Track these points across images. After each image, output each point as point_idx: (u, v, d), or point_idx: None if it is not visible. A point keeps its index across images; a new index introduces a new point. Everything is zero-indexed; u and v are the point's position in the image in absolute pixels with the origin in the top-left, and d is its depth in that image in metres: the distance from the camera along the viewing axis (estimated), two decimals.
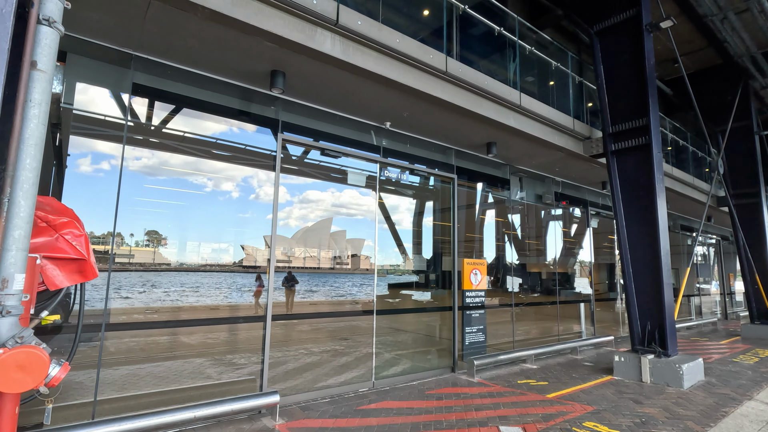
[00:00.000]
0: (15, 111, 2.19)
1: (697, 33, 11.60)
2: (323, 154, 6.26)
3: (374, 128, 6.84)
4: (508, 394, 6.07)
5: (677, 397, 6.05)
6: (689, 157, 13.57)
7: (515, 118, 6.92)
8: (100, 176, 4.68)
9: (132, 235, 5.73)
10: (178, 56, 4.83)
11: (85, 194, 4.63)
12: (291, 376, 6.83)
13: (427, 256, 11.57)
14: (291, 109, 5.93)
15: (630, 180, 7.69)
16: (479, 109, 6.29)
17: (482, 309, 8.10)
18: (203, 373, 6.83)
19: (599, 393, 6.19)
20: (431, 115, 6.41)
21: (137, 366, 7.00)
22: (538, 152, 8.31)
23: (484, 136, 7.42)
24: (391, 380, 6.63)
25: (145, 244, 6.07)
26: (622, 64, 7.89)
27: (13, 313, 2.15)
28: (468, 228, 10.35)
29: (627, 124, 7.72)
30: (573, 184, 11.00)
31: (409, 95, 5.74)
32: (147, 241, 6.05)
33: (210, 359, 7.79)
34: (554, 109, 7.60)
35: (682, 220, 16.47)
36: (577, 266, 12.36)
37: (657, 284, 7.12)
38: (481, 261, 8.32)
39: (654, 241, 7.21)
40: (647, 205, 7.37)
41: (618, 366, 7.23)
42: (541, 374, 7.39)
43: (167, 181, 5.60)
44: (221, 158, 6.40)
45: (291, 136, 5.85)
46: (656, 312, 7.14)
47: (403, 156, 7.20)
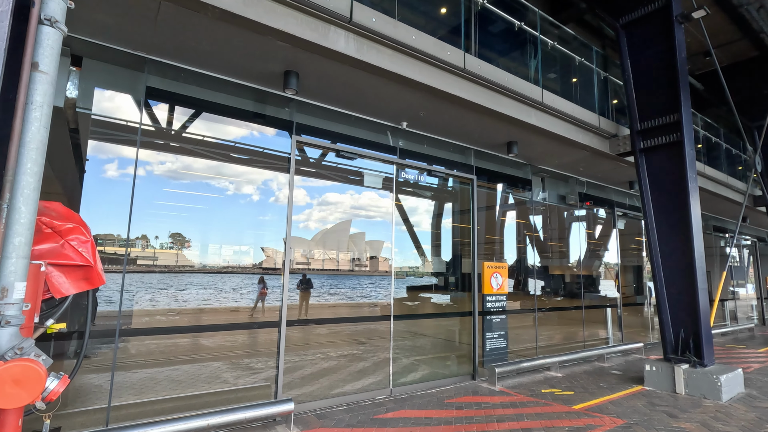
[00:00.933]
0: (15, 114, 2.12)
1: (730, 23, 11.02)
2: (339, 156, 6.14)
3: (390, 129, 6.68)
4: (532, 404, 5.80)
5: (715, 410, 5.66)
6: (722, 155, 12.91)
7: (537, 116, 6.65)
8: (127, 181, 4.72)
9: (157, 238, 5.78)
10: (191, 58, 4.78)
11: (114, 198, 4.71)
12: (307, 381, 6.72)
13: (446, 258, 11.36)
14: (305, 111, 5.83)
15: (660, 179, 7.30)
16: (499, 107, 6.06)
17: (503, 314, 7.83)
18: (220, 378, 6.79)
19: (630, 405, 5.85)
20: (449, 114, 6.21)
21: (156, 369, 7.01)
22: (562, 151, 7.99)
23: (504, 135, 7.16)
24: (409, 387, 6.44)
25: (169, 247, 6.11)
26: (650, 58, 7.51)
27: (13, 324, 2.07)
28: (488, 230, 10.08)
29: (657, 120, 7.33)
30: (598, 184, 10.58)
31: (426, 94, 5.56)
32: (171, 243, 6.08)
33: (227, 363, 7.76)
34: (578, 106, 7.28)
35: (714, 221, 15.71)
36: (602, 269, 11.90)
37: (691, 289, 6.72)
38: (502, 264, 8.05)
39: (687, 243, 6.81)
40: (679, 206, 6.97)
41: (649, 376, 6.85)
42: (567, 383, 7.07)
43: (190, 185, 5.71)
44: (240, 162, 6.40)
45: (305, 138, 5.75)
46: (690, 319, 6.73)
47: (421, 157, 7.02)
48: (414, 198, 12.04)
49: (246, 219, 6.57)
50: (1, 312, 2.03)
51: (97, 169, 4.68)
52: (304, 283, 9.93)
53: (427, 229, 11.33)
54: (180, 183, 5.45)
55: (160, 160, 5.12)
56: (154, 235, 5.67)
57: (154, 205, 5.13)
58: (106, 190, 4.77)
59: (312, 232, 9.93)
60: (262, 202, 6.43)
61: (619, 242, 11.51)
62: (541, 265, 10.28)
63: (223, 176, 5.96)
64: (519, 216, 10.80)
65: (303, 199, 6.90)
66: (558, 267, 11.40)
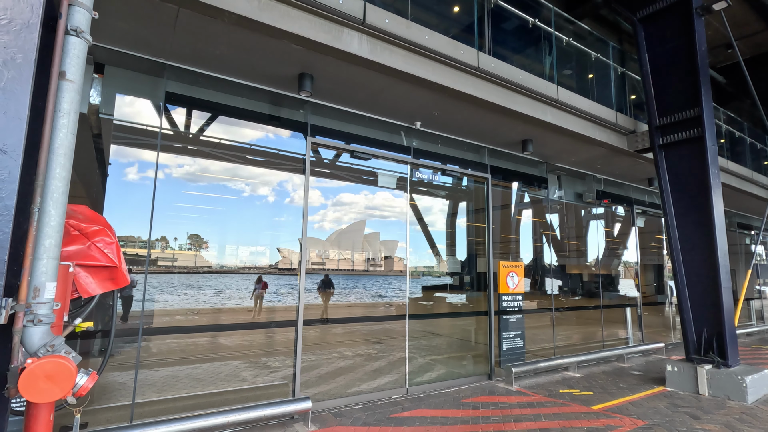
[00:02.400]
0: (44, 121, 2.21)
1: (752, 14, 10.72)
2: (353, 157, 6.19)
3: (404, 129, 6.69)
4: (550, 404, 5.75)
5: (740, 412, 5.52)
6: (746, 150, 12.54)
7: (552, 114, 6.58)
8: (147, 184, 4.87)
9: (176, 239, 5.91)
10: (208, 63, 4.89)
11: (135, 201, 4.86)
12: (324, 380, 6.78)
13: (461, 257, 11.30)
14: (320, 113, 5.89)
15: (681, 176, 7.14)
16: (514, 105, 6.02)
17: (520, 313, 7.76)
18: (239, 376, 6.91)
19: (650, 405, 5.75)
20: (463, 113, 6.20)
21: (177, 368, 7.17)
22: (578, 148, 7.88)
23: (519, 133, 7.11)
24: (425, 387, 6.44)
25: (187, 248, 6.24)
26: (669, 52, 7.35)
27: (45, 322, 2.16)
28: (503, 229, 10.00)
29: (677, 115, 7.18)
30: (616, 181, 10.40)
31: (440, 93, 5.56)
32: (189, 244, 6.22)
33: (246, 362, 7.89)
34: (595, 103, 7.18)
35: (738, 218, 15.26)
36: (621, 267, 11.68)
37: (714, 288, 6.56)
38: (518, 263, 7.98)
39: (710, 241, 6.64)
40: (701, 203, 6.81)
41: (671, 376, 6.71)
42: (585, 383, 6.97)
43: (208, 187, 5.85)
44: (256, 164, 6.51)
45: (320, 140, 5.81)
46: (714, 318, 6.57)
47: (435, 156, 7.01)
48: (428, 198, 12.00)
49: (262, 220, 6.67)
50: (33, 311, 2.13)
51: (119, 172, 4.83)
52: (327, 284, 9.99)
53: (441, 228, 11.29)
54: (198, 185, 5.60)
55: (178, 163, 5.25)
56: (173, 237, 5.81)
57: (172, 207, 5.26)
58: (128, 192, 4.93)
59: (327, 233, 10.05)
60: (277, 203, 6.55)
61: (639, 240, 11.29)
62: (558, 264, 10.16)
63: (239, 178, 6.09)
64: (535, 215, 10.69)
65: (317, 199, 7.01)
66: (576, 266, 11.24)
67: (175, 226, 5.57)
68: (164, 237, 5.73)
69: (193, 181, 5.48)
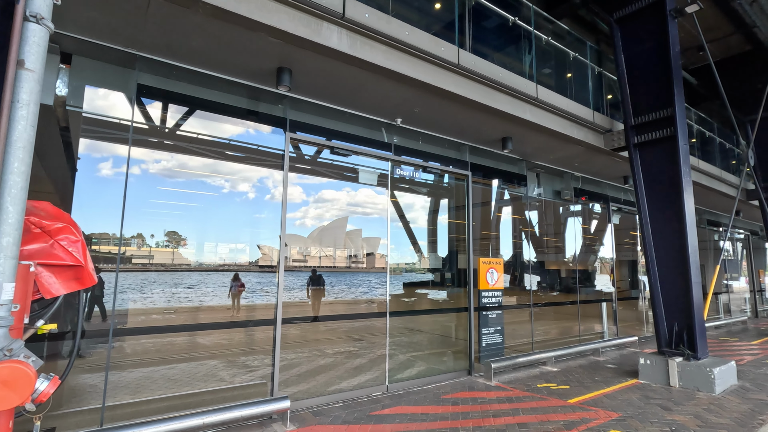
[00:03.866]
0: (1, 112, 2.08)
1: (723, 18, 11.05)
2: (333, 153, 6.12)
3: (385, 125, 6.66)
4: (528, 399, 5.83)
5: (709, 403, 5.72)
6: (716, 149, 12.98)
7: (532, 112, 6.65)
8: (122, 180, 4.75)
9: (153, 236, 5.79)
10: (182, 55, 4.74)
11: (110, 197, 4.74)
12: (304, 379, 6.72)
13: (443, 254, 11.35)
14: (299, 108, 5.80)
15: (654, 174, 7.33)
16: (494, 103, 6.05)
17: (499, 309, 7.85)
18: (216, 376, 6.78)
19: (624, 398, 5.90)
20: (444, 110, 6.20)
21: (152, 368, 6.99)
22: (557, 146, 8.00)
23: (499, 131, 7.16)
24: (406, 384, 6.45)
25: (165, 245, 6.14)
26: (644, 53, 7.52)
27: (2, 325, 2.05)
28: (484, 225, 10.09)
29: (651, 115, 7.35)
30: (593, 179, 10.62)
31: (420, 90, 5.54)
32: (167, 242, 6.12)
33: (224, 361, 7.75)
34: (573, 102, 7.29)
35: (708, 215, 15.82)
36: (597, 263, 11.96)
37: (685, 283, 6.77)
38: (498, 260, 8.06)
39: (681, 237, 6.85)
40: (673, 200, 7.01)
41: (643, 369, 6.90)
42: (562, 377, 7.11)
43: (186, 183, 5.74)
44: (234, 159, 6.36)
45: (300, 135, 5.72)
46: (684, 312, 6.78)
47: (416, 153, 7.00)
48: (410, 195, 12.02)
49: (242, 217, 6.60)
50: None
51: (93, 168, 4.69)
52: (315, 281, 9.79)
53: (423, 225, 11.32)
54: (176, 181, 5.51)
55: (155, 159, 5.14)
56: (150, 234, 5.73)
57: (149, 204, 5.17)
58: (102, 189, 4.78)
59: (309, 230, 10.05)
60: (258, 199, 6.50)
61: (614, 237, 11.57)
62: (537, 260, 10.32)
63: (218, 174, 6.00)
64: (514, 212, 10.82)
65: (299, 196, 6.99)
66: (554, 262, 11.44)
67: (152, 223, 5.49)
68: (140, 234, 5.62)
69: (171, 177, 5.39)
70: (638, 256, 12.91)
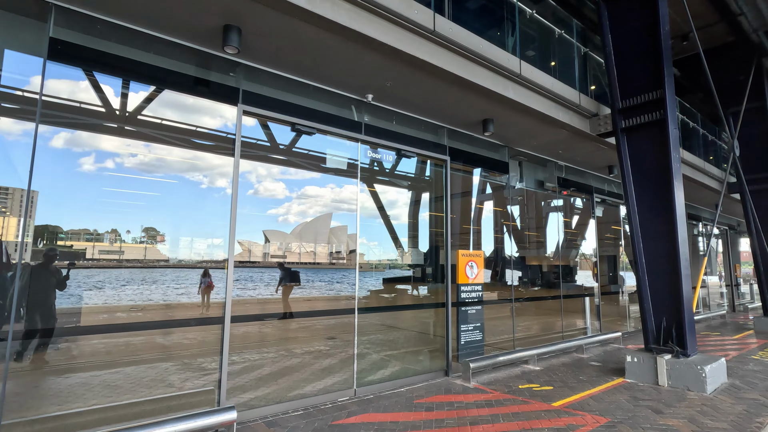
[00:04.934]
0: None
1: (708, 5, 10.77)
2: (294, 131, 5.45)
3: (355, 102, 6.02)
4: (509, 402, 5.31)
5: (701, 404, 5.30)
6: (699, 141, 12.78)
7: (515, 90, 6.11)
8: (104, 175, 4.83)
9: (129, 232, 5.74)
10: (108, 7, 3.99)
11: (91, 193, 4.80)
12: (265, 382, 6.07)
13: (424, 249, 10.87)
14: (255, 79, 5.10)
15: (642, 160, 6.90)
16: (474, 77, 5.48)
17: (479, 305, 7.34)
18: (165, 381, 6.06)
19: (612, 400, 5.44)
20: (419, 85, 5.60)
21: (92, 373, 6.22)
22: (541, 131, 7.50)
23: (479, 112, 6.61)
24: (376, 387, 5.86)
25: (140, 241, 6.09)
26: (632, 32, 7.07)
27: None
28: (464, 218, 9.58)
29: (639, 98, 6.91)
30: (577, 169, 10.20)
31: (392, 58, 4.92)
32: (144, 237, 6.08)
33: (178, 363, 7.02)
34: (558, 81, 6.78)
35: (689, 209, 15.72)
36: (579, 258, 11.61)
37: (674, 276, 6.35)
38: (477, 253, 7.54)
39: (671, 229, 6.43)
40: (662, 189, 6.59)
41: (630, 367, 6.48)
42: (545, 377, 6.64)
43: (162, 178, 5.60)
44: (183, 144, 5.71)
45: (255, 109, 5.03)
46: (673, 307, 6.38)
47: (390, 135, 6.37)
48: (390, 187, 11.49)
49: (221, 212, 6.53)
50: None
51: (72, 162, 4.61)
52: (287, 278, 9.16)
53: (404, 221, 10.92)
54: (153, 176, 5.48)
55: (131, 153, 5.09)
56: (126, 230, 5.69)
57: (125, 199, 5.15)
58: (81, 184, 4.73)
59: (291, 226, 9.94)
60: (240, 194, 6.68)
61: (597, 230, 11.22)
62: (519, 254, 9.87)
63: (197, 170, 5.73)
64: (496, 204, 10.35)
65: (282, 192, 6.91)
66: (536, 257, 11.04)
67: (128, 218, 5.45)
68: (115, 230, 5.55)
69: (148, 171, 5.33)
70: (619, 250, 12.63)
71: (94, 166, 4.78)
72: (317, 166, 8.53)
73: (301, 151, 8.01)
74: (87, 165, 4.77)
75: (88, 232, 5.15)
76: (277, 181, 6.61)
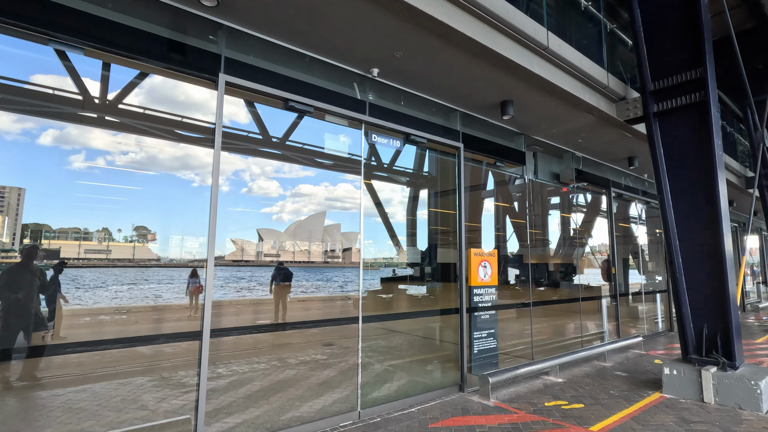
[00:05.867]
0: None
1: None
2: (288, 108, 4.63)
3: (358, 79, 5.22)
4: (538, 425, 4.55)
5: (762, 428, 4.56)
6: None
7: (540, 65, 5.34)
8: (95, 173, 4.66)
9: (120, 231, 5.87)
10: None
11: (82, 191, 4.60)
12: (253, 401, 5.27)
13: (422, 247, 10.24)
14: (241, 47, 4.28)
15: (679, 148, 6.16)
16: (496, 46, 4.69)
17: (493, 309, 6.58)
18: (137, 401, 5.23)
19: (657, 422, 4.69)
20: (432, 56, 4.81)
21: (54, 392, 5.39)
22: (563, 116, 6.74)
23: (498, 92, 5.83)
24: (383, 408, 5.06)
25: (131, 240, 6.21)
26: (666, 5, 6.33)
27: None
28: (473, 214, 8.83)
29: (674, 78, 6.17)
30: (594, 160, 9.46)
31: (404, 20, 4.12)
32: (135, 236, 6.21)
33: (155, 378, 6.19)
34: (586, 58, 6.02)
35: None
36: (595, 256, 10.90)
37: (718, 277, 5.63)
38: (491, 251, 6.78)
39: (713, 224, 5.70)
40: (703, 180, 5.85)
41: (669, 381, 5.74)
42: (571, 391, 5.88)
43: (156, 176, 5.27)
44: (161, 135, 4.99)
45: (240, 81, 4.21)
46: (717, 312, 5.65)
47: (397, 117, 5.57)
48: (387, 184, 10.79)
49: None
50: None
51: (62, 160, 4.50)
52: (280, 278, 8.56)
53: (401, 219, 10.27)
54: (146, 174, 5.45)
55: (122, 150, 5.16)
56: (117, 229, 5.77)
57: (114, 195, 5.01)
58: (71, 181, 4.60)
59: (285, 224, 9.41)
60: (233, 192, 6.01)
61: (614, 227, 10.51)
62: (528, 254, 9.13)
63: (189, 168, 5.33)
64: (507, 196, 9.62)
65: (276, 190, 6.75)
66: (543, 256, 10.35)
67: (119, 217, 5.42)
68: (106, 228, 5.59)
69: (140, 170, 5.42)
70: (628, 249, 11.96)
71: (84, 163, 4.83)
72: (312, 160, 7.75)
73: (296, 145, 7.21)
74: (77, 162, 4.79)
75: (77, 231, 4.94)
76: (271, 180, 6.71)
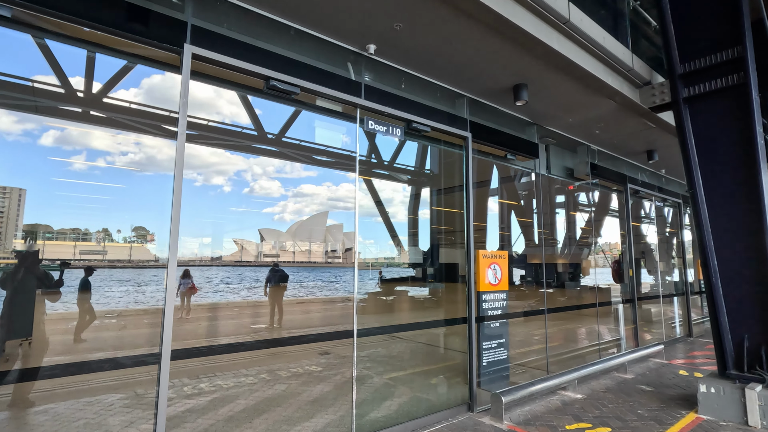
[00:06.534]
0: None
1: None
2: (270, 89, 3.98)
3: (352, 57, 4.56)
4: None
5: None
6: None
7: (559, 41, 4.67)
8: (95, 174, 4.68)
9: (119, 231, 5.62)
10: None
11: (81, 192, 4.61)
12: (236, 425, 4.64)
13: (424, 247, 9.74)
14: (210, 11, 3.64)
15: (713, 138, 5.50)
16: (513, 17, 4.03)
17: (504, 317, 5.94)
18: (101, 427, 4.61)
19: None
20: (437, 29, 4.15)
21: (6, 414, 4.76)
22: (582, 101, 6.07)
23: (511, 74, 5.17)
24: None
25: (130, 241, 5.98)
26: None
27: None
28: (479, 212, 8.18)
29: (708, 59, 5.51)
30: (610, 154, 8.78)
31: None
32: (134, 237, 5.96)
33: (128, 395, 5.55)
34: (610, 36, 5.35)
35: None
36: (605, 255, 10.23)
37: (762, 283, 4.96)
38: (502, 253, 6.13)
39: (757, 222, 5.04)
40: (742, 174, 5.20)
41: (706, 400, 5.07)
42: (594, 410, 5.22)
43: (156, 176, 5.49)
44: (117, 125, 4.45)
45: (208, 53, 3.56)
46: (761, 322, 4.98)
47: (397, 101, 4.92)
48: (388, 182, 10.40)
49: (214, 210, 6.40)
50: None
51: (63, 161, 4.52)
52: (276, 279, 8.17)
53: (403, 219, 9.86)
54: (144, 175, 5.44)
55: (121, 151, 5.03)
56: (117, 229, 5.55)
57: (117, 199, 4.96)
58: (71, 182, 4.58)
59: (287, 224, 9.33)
60: (234, 192, 6.29)
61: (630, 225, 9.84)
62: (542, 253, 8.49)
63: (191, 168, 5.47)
64: (514, 195, 8.97)
65: (277, 190, 6.80)
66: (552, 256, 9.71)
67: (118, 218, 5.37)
68: (105, 229, 5.46)
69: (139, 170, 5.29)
70: (652, 248, 11.30)
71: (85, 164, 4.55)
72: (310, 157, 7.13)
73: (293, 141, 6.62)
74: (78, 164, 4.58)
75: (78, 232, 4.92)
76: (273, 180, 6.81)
